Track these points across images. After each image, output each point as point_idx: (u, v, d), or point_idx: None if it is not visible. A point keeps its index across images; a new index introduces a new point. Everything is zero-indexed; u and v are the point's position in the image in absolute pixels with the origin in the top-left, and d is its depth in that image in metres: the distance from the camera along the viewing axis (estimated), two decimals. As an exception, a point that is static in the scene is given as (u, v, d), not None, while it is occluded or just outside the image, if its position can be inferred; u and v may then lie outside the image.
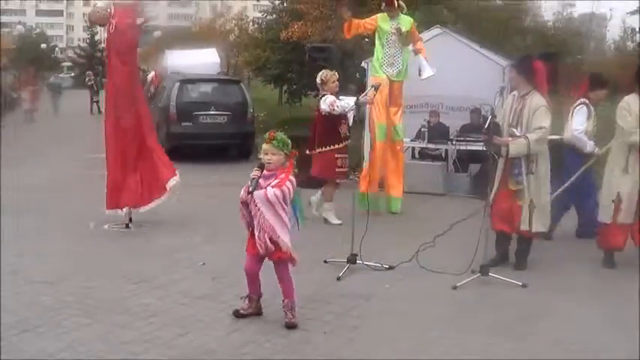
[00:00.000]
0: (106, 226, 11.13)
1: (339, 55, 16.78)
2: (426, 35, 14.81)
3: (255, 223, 6.81)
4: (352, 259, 8.83)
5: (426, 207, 13.14)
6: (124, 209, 11.13)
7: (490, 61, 15.18)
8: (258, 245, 6.83)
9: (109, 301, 7.52)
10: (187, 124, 19.66)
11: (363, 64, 15.32)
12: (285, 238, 6.82)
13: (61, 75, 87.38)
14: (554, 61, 12.89)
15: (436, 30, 15.74)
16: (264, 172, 6.83)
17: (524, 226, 8.92)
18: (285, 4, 33.86)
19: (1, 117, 30.83)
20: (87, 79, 43.85)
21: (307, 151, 11.48)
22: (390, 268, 8.91)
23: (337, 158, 11.44)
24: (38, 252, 9.49)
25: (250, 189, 6.74)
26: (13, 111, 36.42)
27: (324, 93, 11.45)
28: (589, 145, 10.38)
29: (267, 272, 7.05)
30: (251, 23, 54.09)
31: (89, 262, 9.13)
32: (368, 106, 12.22)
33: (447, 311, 7.50)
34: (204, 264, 9.03)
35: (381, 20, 12.42)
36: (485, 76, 14.35)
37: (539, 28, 31.90)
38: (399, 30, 12.32)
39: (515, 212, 8.94)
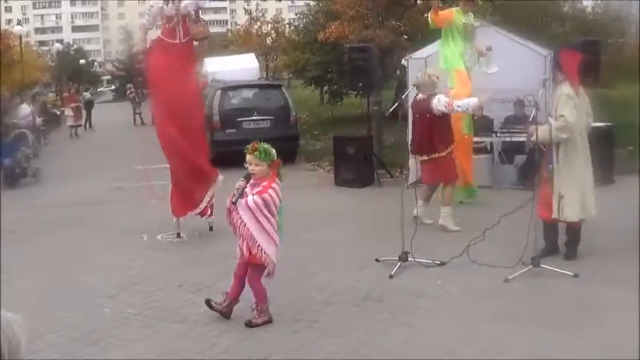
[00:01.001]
0: (159, 237, 11.30)
1: (378, 54, 16.84)
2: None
3: (237, 231, 7.01)
4: (404, 257, 8.88)
5: (474, 200, 13.09)
6: (174, 219, 11.27)
7: (532, 52, 15.10)
8: (238, 251, 7.07)
9: (167, 311, 7.70)
10: (231, 130, 19.73)
11: (403, 61, 15.32)
12: (264, 246, 6.92)
13: (102, 89, 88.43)
14: (596, 49, 12.85)
15: (475, 23, 15.68)
16: (252, 180, 6.98)
17: (554, 215, 8.92)
18: (320, 5, 33.87)
19: (45, 135, 31.14)
20: (128, 92, 44.39)
21: (417, 156, 11.25)
22: (442, 264, 8.95)
23: (454, 159, 11.20)
24: (97, 266, 9.69)
25: (234, 199, 6.89)
26: (58, 128, 36.89)
27: (432, 93, 10.75)
28: None
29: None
30: (287, 26, 54.19)
31: (146, 273, 9.32)
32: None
33: (499, 304, 7.54)
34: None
35: (457, 14, 12.55)
36: (528, 67, 14.28)
37: (577, 14, 31.55)
38: (470, 24, 12.65)
39: (551, 200, 8.98)
